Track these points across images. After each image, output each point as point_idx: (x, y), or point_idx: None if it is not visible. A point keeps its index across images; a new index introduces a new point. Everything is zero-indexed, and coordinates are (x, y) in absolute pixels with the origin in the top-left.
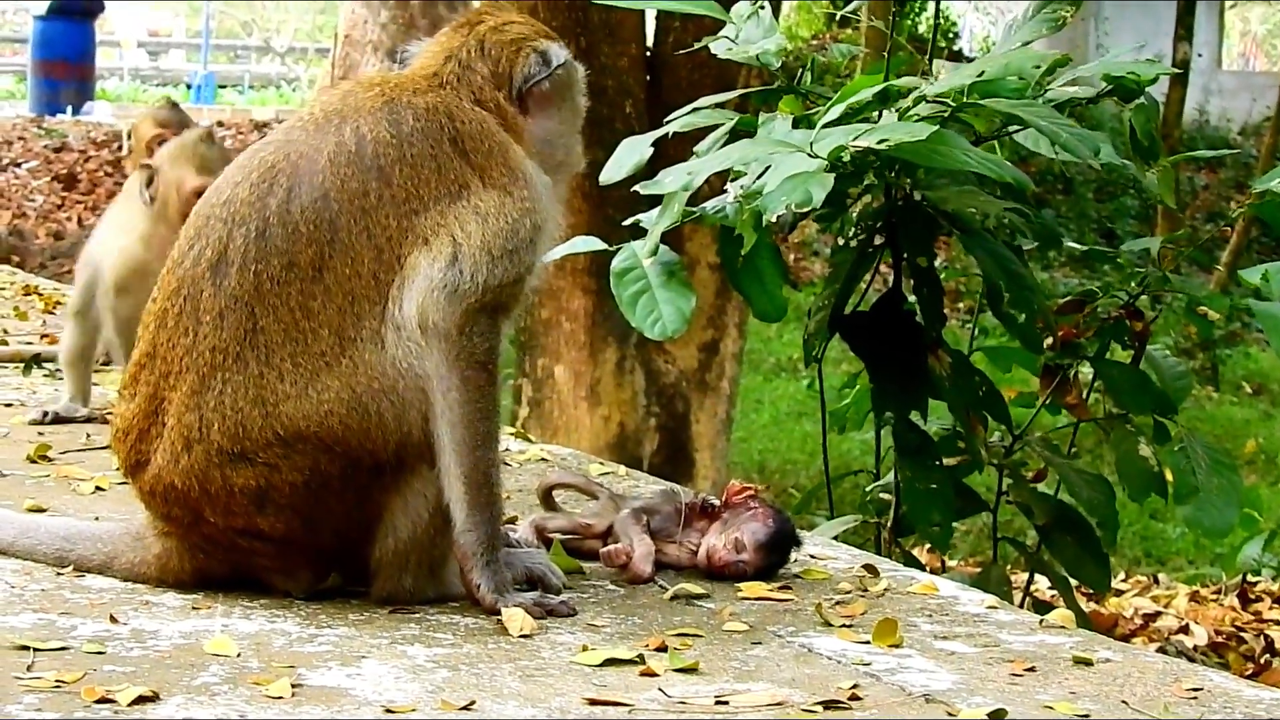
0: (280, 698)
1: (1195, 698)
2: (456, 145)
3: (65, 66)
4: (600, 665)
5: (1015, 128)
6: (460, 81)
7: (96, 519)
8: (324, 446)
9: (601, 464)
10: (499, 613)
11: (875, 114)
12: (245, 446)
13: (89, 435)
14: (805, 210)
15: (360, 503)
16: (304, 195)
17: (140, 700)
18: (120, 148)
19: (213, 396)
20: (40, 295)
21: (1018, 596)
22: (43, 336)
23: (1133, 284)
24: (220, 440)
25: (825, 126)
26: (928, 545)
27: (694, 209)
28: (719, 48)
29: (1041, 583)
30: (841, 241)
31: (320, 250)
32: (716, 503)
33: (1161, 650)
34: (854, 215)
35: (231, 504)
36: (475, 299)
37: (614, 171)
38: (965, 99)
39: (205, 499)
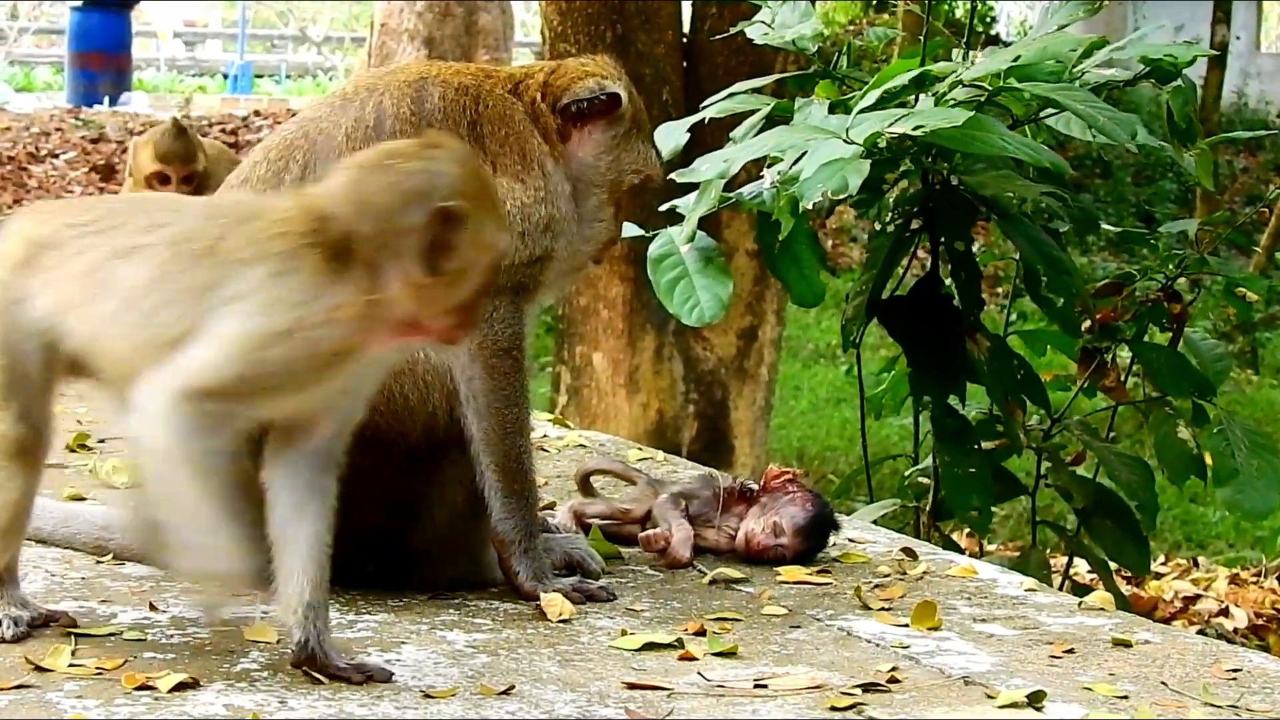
0: (321, 683)
1: (1235, 679)
2: (474, 130)
3: (102, 58)
4: (639, 650)
5: (1052, 111)
6: (510, 78)
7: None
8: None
9: (640, 449)
10: (538, 598)
11: (911, 99)
12: None
13: None
14: (842, 196)
15: (396, 489)
16: (318, 171)
17: (180, 687)
18: None
19: None
20: None
21: (1057, 580)
22: None
23: (1170, 266)
24: None
25: (861, 112)
26: (966, 529)
27: (730, 195)
28: (755, 32)
29: (1081, 566)
30: (879, 227)
31: None
32: (755, 487)
33: (1201, 633)
34: (891, 200)
35: None
36: None
37: None
38: (1002, 83)
39: None
